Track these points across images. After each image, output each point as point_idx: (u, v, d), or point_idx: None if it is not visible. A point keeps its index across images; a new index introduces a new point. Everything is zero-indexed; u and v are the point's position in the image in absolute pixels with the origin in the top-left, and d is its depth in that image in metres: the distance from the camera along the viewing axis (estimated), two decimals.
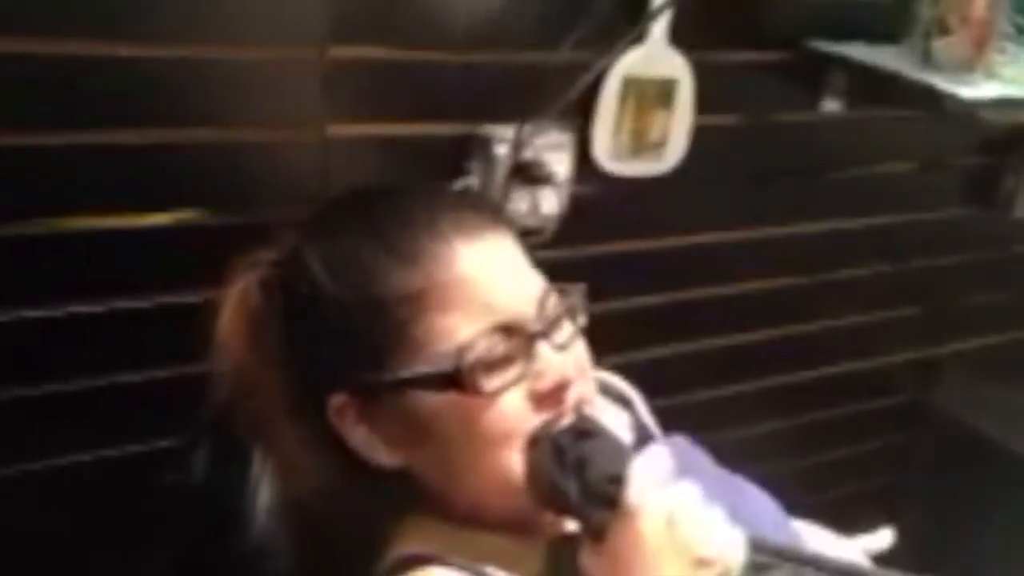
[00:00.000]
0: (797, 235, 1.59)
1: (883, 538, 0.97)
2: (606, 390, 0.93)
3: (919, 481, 1.98)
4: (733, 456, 0.94)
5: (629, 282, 1.43)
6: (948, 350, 1.93)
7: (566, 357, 0.74)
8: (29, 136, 0.99)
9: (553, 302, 0.75)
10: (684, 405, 1.53)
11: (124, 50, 1.00)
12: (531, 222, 1.25)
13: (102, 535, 1.09)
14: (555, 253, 1.25)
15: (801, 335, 1.70)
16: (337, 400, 0.75)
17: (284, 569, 0.83)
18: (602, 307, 0.80)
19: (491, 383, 0.71)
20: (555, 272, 0.79)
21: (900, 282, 1.78)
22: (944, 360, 1.94)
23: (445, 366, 0.71)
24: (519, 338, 0.72)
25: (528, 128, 1.19)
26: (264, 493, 0.85)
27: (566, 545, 0.74)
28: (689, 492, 0.68)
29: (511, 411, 0.72)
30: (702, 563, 0.66)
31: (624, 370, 1.00)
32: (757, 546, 0.68)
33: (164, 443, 1.08)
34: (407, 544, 0.77)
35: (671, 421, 0.99)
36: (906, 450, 1.98)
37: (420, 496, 0.77)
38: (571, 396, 0.74)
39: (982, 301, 1.91)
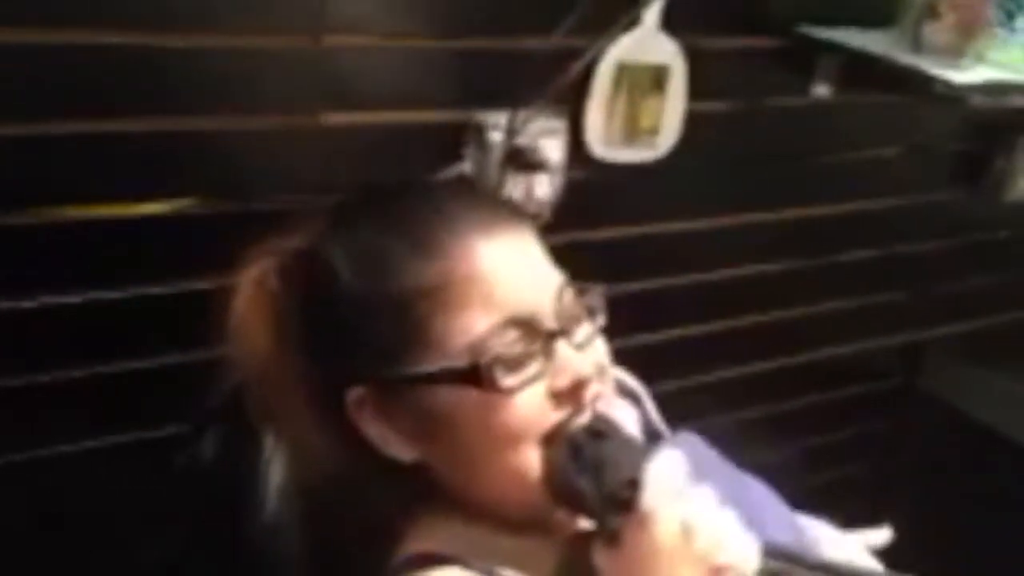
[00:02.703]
0: (787, 220, 1.60)
1: (881, 535, 0.98)
2: (615, 385, 0.93)
3: (907, 465, 1.99)
4: (722, 442, 0.94)
5: (622, 268, 1.43)
6: (936, 334, 1.94)
7: (584, 356, 0.75)
8: (24, 126, 0.99)
9: (571, 299, 0.75)
10: (675, 391, 1.53)
11: (117, 39, 1.00)
12: (525, 208, 1.25)
13: (112, 519, 1.10)
14: (549, 239, 1.25)
15: (791, 320, 1.71)
16: (355, 394, 0.75)
17: (293, 556, 0.83)
18: None
19: (509, 380, 0.71)
20: (550, 258, 0.80)
21: (889, 266, 1.79)
22: (932, 344, 1.95)
23: (463, 362, 0.71)
24: (538, 335, 0.73)
25: (522, 115, 1.20)
26: (274, 478, 0.85)
27: (581, 544, 0.74)
28: (704, 498, 0.69)
29: (529, 408, 0.72)
30: (716, 570, 0.66)
31: (617, 356, 1.00)
32: (771, 552, 0.68)
33: (172, 429, 1.08)
34: (422, 541, 0.77)
35: (665, 406, 1.00)
36: (893, 434, 2.00)
37: (435, 491, 0.77)
38: (589, 394, 0.74)
39: (970, 285, 1.93)
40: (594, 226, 1.39)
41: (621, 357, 0.99)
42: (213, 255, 0.85)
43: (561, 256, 0.79)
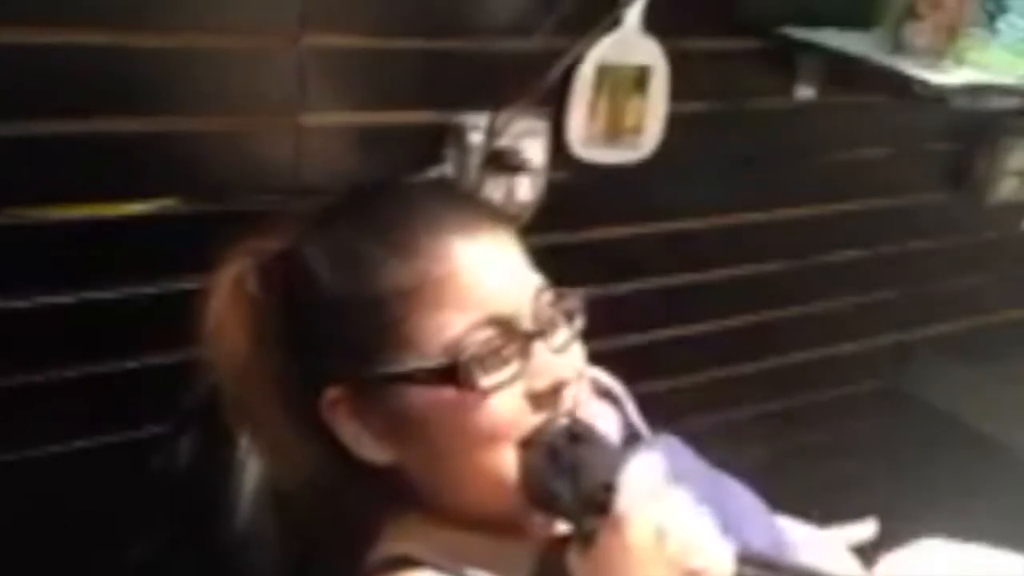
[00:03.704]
0: (771, 222, 1.60)
1: (867, 529, 0.98)
2: (595, 387, 0.93)
3: (894, 466, 1.99)
4: (709, 442, 0.94)
5: (604, 269, 1.43)
6: (922, 335, 1.95)
7: (563, 359, 0.75)
8: (3, 126, 0.98)
9: (549, 302, 0.75)
10: (661, 392, 1.53)
11: (98, 39, 0.99)
12: (506, 210, 1.25)
13: (85, 523, 1.09)
14: (530, 241, 1.25)
15: (776, 321, 1.71)
16: (331, 394, 0.75)
17: (268, 559, 0.83)
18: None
19: (486, 380, 0.71)
20: (531, 260, 0.79)
21: (873, 267, 1.80)
22: (918, 345, 1.96)
23: (440, 361, 0.71)
24: (516, 337, 0.72)
25: (503, 116, 1.20)
26: (249, 482, 0.85)
27: (557, 548, 0.74)
28: (680, 502, 0.69)
29: (505, 410, 0.72)
30: (690, 574, 0.66)
31: (601, 357, 1.00)
32: (746, 558, 0.68)
33: (149, 431, 1.08)
34: (396, 543, 0.77)
35: (649, 407, 1.00)
36: (880, 435, 2.00)
37: (409, 494, 0.77)
38: (567, 397, 0.74)
39: (955, 286, 1.93)
40: (576, 227, 1.39)
41: (607, 358, 1.00)
42: (192, 255, 0.85)
43: (543, 258, 0.79)
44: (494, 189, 1.23)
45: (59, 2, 0.97)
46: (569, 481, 0.71)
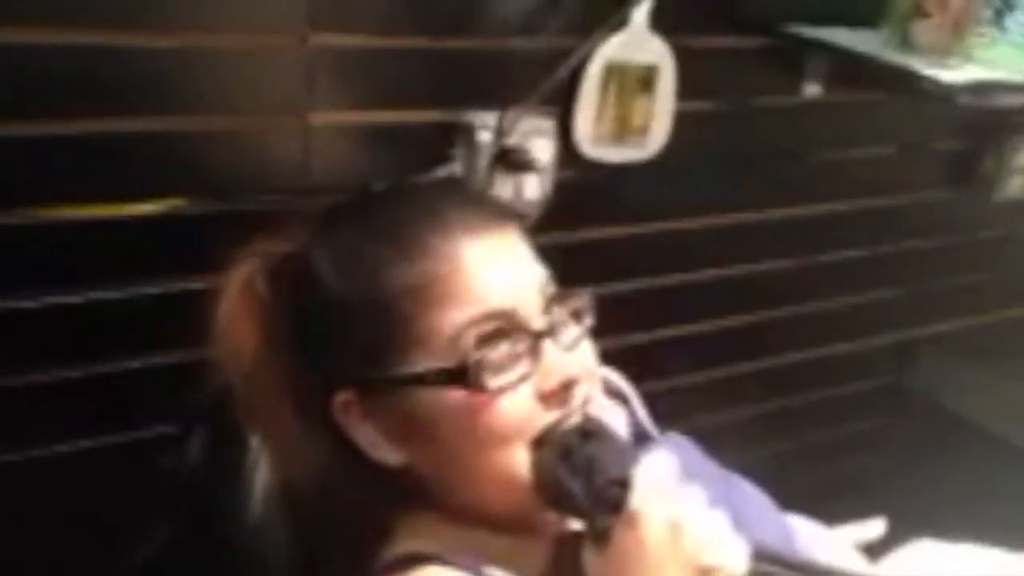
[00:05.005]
0: (778, 219, 1.60)
1: (874, 528, 0.98)
2: (604, 386, 0.93)
3: (897, 464, 1.99)
4: (712, 442, 0.94)
5: (611, 268, 1.43)
6: (927, 332, 1.95)
7: (572, 357, 0.75)
8: (12, 126, 0.98)
9: (558, 299, 0.76)
10: (666, 390, 1.53)
11: (105, 38, 0.99)
12: (513, 208, 1.25)
13: (87, 523, 1.09)
14: (538, 239, 1.25)
15: (782, 319, 1.71)
16: (342, 397, 0.75)
17: (277, 559, 0.83)
18: None
19: (496, 380, 0.71)
20: (538, 258, 0.79)
21: (880, 265, 1.79)
22: (923, 342, 1.95)
23: (449, 362, 0.71)
24: (525, 336, 0.73)
25: (511, 115, 1.20)
26: (260, 480, 0.85)
27: (570, 544, 0.75)
28: (694, 499, 0.69)
29: (516, 410, 0.72)
30: (704, 571, 0.66)
31: (607, 356, 1.00)
32: (760, 555, 0.69)
33: (154, 431, 1.08)
34: (408, 542, 0.77)
35: (653, 406, 1.00)
36: (885, 433, 2.00)
37: (421, 493, 0.77)
38: (577, 396, 0.74)
39: (961, 283, 1.93)
40: (583, 226, 1.39)
41: (612, 357, 1.00)
42: (201, 255, 0.85)
43: (550, 256, 0.79)
44: (502, 188, 1.23)
45: (70, 1, 0.97)
46: (582, 479, 0.71)
